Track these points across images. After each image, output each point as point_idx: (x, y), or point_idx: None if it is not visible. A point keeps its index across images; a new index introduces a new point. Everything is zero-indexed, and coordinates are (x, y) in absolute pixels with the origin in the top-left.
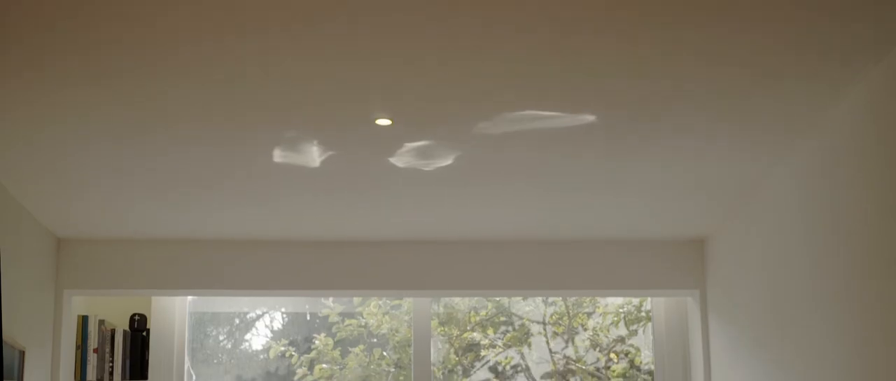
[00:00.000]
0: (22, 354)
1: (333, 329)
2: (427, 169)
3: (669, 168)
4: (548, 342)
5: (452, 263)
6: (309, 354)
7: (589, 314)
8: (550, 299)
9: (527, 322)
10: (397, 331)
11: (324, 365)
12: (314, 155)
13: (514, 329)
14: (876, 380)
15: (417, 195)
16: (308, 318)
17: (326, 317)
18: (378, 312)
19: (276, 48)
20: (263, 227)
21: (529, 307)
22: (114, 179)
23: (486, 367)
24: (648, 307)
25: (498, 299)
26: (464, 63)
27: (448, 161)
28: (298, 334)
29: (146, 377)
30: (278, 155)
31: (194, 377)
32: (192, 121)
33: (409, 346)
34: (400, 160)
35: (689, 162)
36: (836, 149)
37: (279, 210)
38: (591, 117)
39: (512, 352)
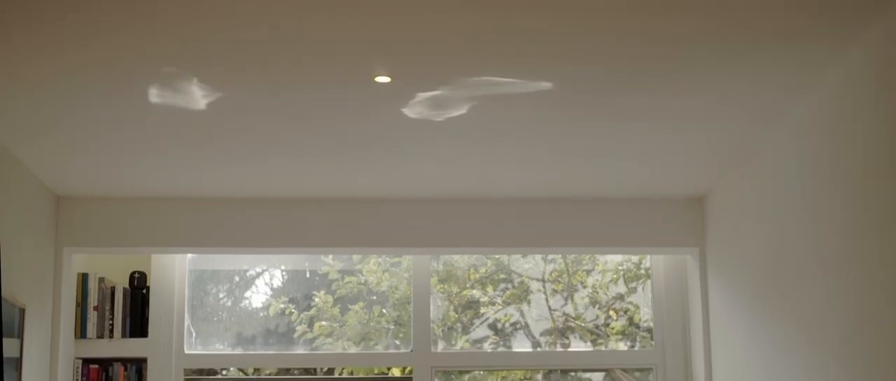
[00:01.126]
0: (22, 311)
1: (333, 287)
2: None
3: (669, 127)
4: (547, 300)
5: (452, 220)
6: (309, 311)
7: (588, 272)
8: (550, 257)
9: (526, 280)
10: (397, 288)
11: (323, 322)
12: (311, 114)
13: (513, 287)
14: (874, 335)
15: (417, 154)
16: (308, 275)
17: (326, 274)
18: (378, 269)
19: (274, 3)
20: (263, 185)
21: (529, 265)
22: (114, 137)
23: (485, 324)
24: (648, 265)
25: (497, 256)
26: (464, 20)
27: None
28: (298, 291)
29: (146, 335)
30: (277, 113)
31: (194, 334)
32: (190, 79)
33: (409, 303)
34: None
35: (689, 121)
36: (834, 106)
37: (279, 168)
38: (590, 76)
39: (511, 309)
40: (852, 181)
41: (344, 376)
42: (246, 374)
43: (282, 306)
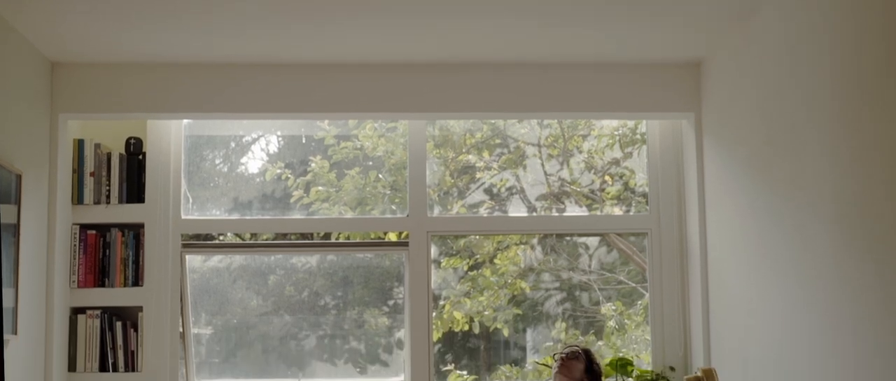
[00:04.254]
0: (19, 178)
1: (329, 152)
2: None
3: None
4: (543, 165)
5: (448, 85)
6: (305, 176)
7: (584, 137)
8: (546, 122)
9: (522, 145)
10: (393, 153)
11: (320, 187)
12: None
13: (509, 152)
14: (868, 200)
15: (414, 18)
16: (304, 141)
17: (322, 140)
18: (374, 134)
19: None
20: (259, 49)
21: (525, 130)
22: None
23: (481, 189)
24: (643, 130)
25: (493, 121)
26: None
27: None
28: (294, 156)
29: (143, 200)
30: None
31: (191, 199)
32: None
33: (405, 168)
34: None
35: None
36: None
37: (275, 33)
38: None
39: (507, 174)
40: (850, 48)
41: (340, 240)
42: (243, 239)
43: (278, 171)
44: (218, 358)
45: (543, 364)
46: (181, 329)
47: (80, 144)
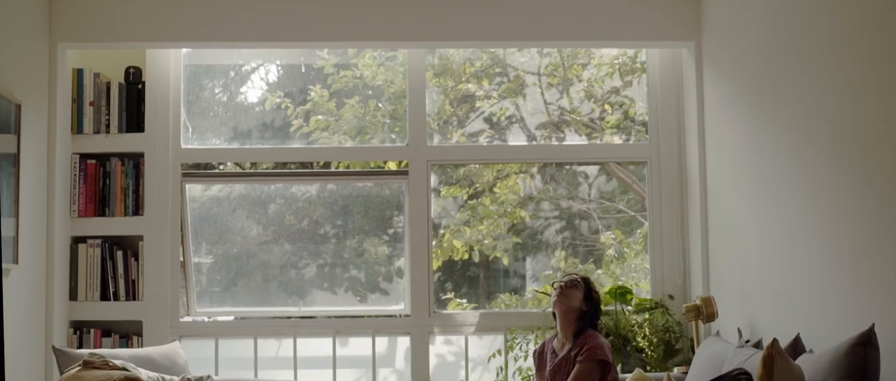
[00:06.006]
0: (18, 107)
1: (329, 81)
2: None
3: None
4: (542, 94)
5: (447, 13)
6: (304, 105)
7: (584, 66)
8: (545, 50)
9: (521, 73)
10: (392, 82)
11: (319, 117)
12: None
13: (508, 80)
14: (868, 128)
15: None
16: (303, 70)
17: (321, 69)
18: (373, 63)
19: None
20: None
21: (524, 58)
22: None
23: (480, 118)
24: (643, 59)
25: (493, 50)
26: None
27: None
28: (293, 86)
29: (143, 130)
30: None
31: (190, 129)
32: None
33: (405, 97)
34: None
35: None
36: None
37: None
38: None
39: (506, 103)
40: None
41: (340, 169)
42: (242, 168)
43: (277, 100)
44: (218, 287)
45: (543, 293)
46: (181, 258)
47: (79, 74)
